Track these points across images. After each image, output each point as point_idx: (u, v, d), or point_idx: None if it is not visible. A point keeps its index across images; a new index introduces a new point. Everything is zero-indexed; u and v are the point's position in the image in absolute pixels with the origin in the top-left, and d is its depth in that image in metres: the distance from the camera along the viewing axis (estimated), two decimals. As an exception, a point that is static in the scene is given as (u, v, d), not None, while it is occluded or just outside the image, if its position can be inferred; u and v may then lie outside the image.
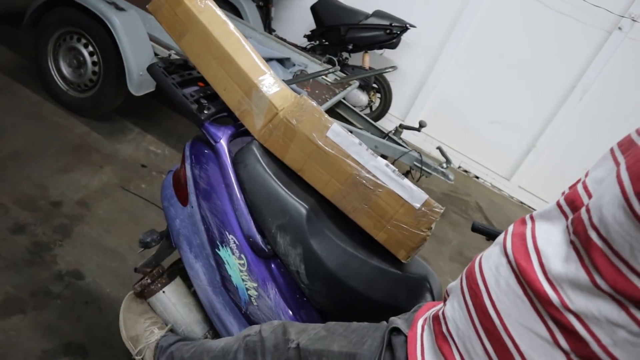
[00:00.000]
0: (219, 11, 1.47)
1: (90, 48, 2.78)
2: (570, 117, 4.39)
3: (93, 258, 2.03)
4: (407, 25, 4.27)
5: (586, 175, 0.71)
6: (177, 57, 2.72)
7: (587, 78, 4.22)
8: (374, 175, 1.28)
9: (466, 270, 0.79)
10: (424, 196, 1.27)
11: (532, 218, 0.74)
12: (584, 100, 4.30)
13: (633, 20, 3.96)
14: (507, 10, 4.34)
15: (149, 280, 1.41)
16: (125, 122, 3.01)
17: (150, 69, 1.42)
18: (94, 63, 2.79)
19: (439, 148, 3.19)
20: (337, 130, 1.30)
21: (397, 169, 1.29)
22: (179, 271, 1.52)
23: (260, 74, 1.40)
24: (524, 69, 4.44)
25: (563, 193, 0.72)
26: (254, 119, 1.37)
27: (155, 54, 2.75)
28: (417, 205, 1.26)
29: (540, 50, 4.34)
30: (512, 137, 4.71)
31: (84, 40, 2.78)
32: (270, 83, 1.40)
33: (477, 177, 4.94)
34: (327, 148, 1.30)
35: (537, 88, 4.45)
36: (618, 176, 0.58)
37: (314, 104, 1.34)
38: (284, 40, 4.14)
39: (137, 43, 2.66)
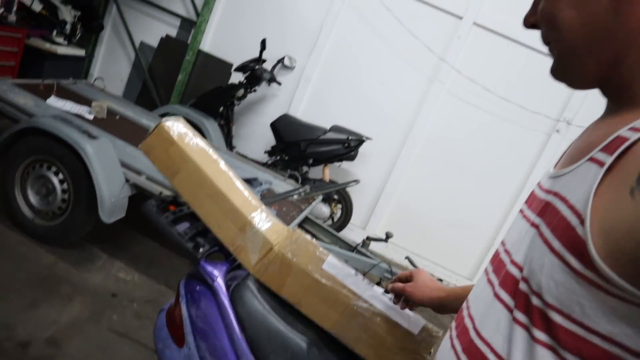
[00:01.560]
0: (210, 150, 1.55)
1: (61, 175, 2.77)
2: (524, 216, 4.63)
3: (65, 404, 1.89)
4: (364, 138, 4.51)
5: (503, 243, 0.71)
6: (153, 183, 2.75)
7: (534, 177, 4.55)
8: (371, 305, 1.32)
9: None
10: (422, 322, 1.31)
11: (468, 309, 0.70)
12: (534, 200, 4.57)
13: (568, 123, 4.39)
14: (456, 119, 4.70)
15: None
16: (93, 249, 2.95)
17: (144, 209, 1.45)
18: (63, 191, 2.77)
19: (407, 258, 3.26)
20: (333, 263, 1.35)
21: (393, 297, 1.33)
22: None
23: (253, 210, 1.45)
24: (476, 172, 4.73)
25: (487, 271, 0.72)
26: (249, 255, 1.40)
27: (127, 180, 2.77)
28: (416, 331, 1.30)
29: (489, 154, 4.67)
30: (471, 238, 4.88)
31: (54, 168, 2.78)
32: (262, 218, 1.45)
33: (441, 280, 5.01)
34: (323, 280, 1.34)
35: (490, 189, 4.73)
36: (542, 237, 0.57)
37: (308, 237, 1.39)
38: (245, 157, 4.28)
39: (109, 170, 2.69)
